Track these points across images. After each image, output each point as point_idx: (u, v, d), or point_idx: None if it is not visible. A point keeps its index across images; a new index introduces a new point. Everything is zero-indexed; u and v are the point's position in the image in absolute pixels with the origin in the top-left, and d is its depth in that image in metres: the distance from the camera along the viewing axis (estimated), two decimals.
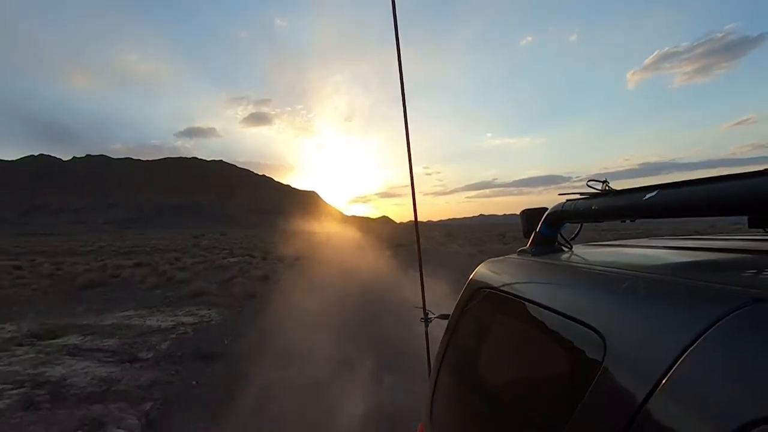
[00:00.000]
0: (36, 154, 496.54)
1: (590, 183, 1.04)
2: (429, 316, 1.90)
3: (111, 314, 9.02)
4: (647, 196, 0.80)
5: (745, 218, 0.72)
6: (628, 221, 0.95)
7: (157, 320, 8.34)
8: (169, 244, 40.91)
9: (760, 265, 0.67)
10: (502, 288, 1.11)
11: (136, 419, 4.06)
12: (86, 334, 7.23)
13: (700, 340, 0.49)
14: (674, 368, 0.50)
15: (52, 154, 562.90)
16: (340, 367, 5.14)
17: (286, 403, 4.24)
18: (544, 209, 1.23)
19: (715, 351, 0.48)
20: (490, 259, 1.34)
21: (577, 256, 1.08)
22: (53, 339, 6.86)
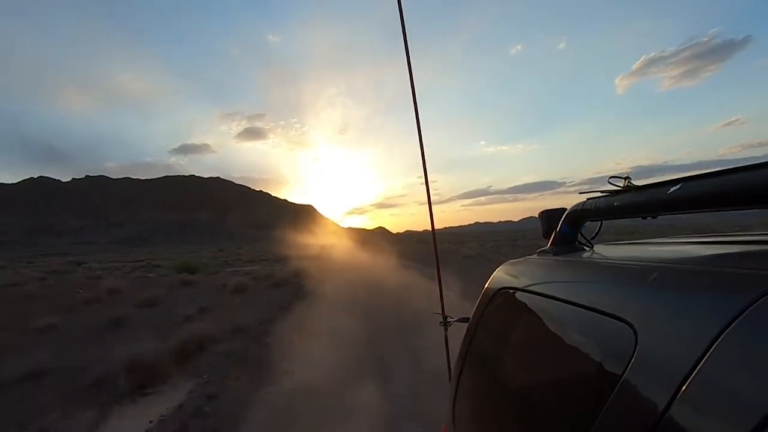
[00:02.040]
0: (36, 176, 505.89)
1: (611, 180, 1.01)
2: (448, 320, 1.91)
3: None
4: (672, 189, 0.78)
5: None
6: (649, 218, 0.93)
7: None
8: (196, 257, 41.95)
9: None
10: (524, 288, 1.10)
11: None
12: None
13: (732, 326, 0.48)
14: (707, 356, 0.49)
15: (50, 176, 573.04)
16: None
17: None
18: (563, 209, 1.23)
19: (747, 337, 0.47)
20: (509, 261, 1.32)
21: (598, 254, 1.07)
22: None
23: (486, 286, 1.32)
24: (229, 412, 4.45)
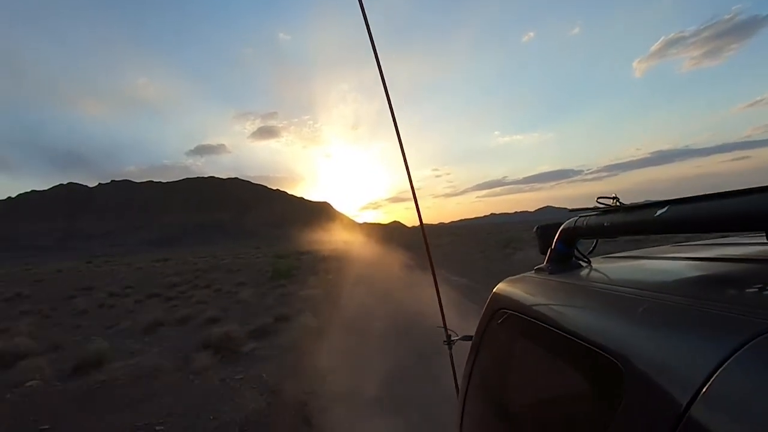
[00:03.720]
0: (65, 182, 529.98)
1: (600, 200, 1.03)
2: (452, 338, 1.89)
3: None
4: (659, 212, 0.79)
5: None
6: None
7: None
8: (246, 256, 44.49)
9: None
10: (519, 309, 1.10)
11: None
12: None
13: (718, 372, 0.47)
14: (693, 404, 0.48)
15: (77, 181, 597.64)
16: None
17: None
18: (559, 224, 1.21)
19: (734, 382, 0.46)
20: (508, 278, 1.33)
21: (595, 271, 1.08)
22: None
23: (486, 304, 1.32)
24: None
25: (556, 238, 1.21)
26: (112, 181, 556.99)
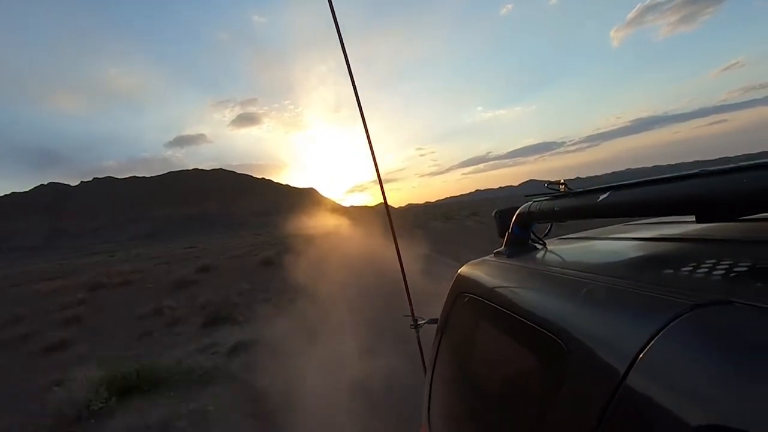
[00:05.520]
0: (46, 182, 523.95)
1: (549, 186, 1.10)
2: (418, 322, 1.92)
3: None
4: (601, 197, 0.85)
5: None
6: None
7: None
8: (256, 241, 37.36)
9: (704, 259, 0.70)
10: (478, 292, 1.16)
11: None
12: None
13: (645, 349, 0.53)
14: (628, 375, 0.53)
15: (58, 181, 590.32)
16: None
17: None
18: (515, 209, 1.26)
19: (661, 357, 0.51)
20: (470, 262, 1.38)
21: (548, 254, 1.14)
22: None
23: (449, 288, 1.37)
24: None
25: (513, 221, 1.26)
26: (94, 178, 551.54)
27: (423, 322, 1.91)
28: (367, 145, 2.06)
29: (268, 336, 6.75)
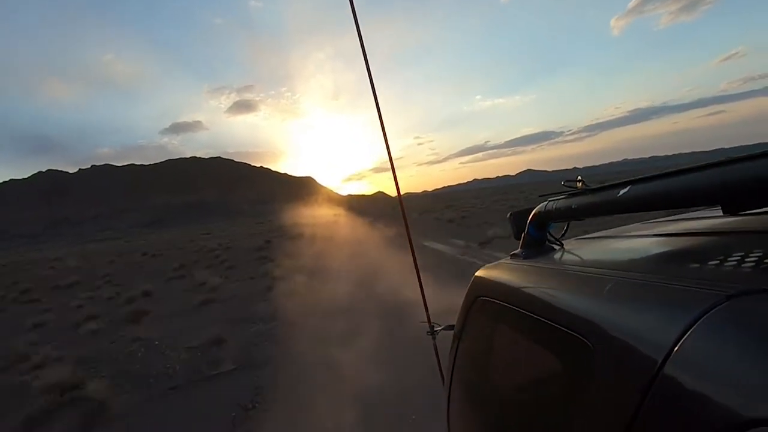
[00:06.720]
0: (44, 170, 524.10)
1: (566, 183, 1.06)
2: (435, 329, 1.87)
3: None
4: (621, 192, 0.81)
5: None
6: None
7: None
8: (267, 228, 48.55)
9: (733, 251, 0.68)
10: (496, 296, 1.14)
11: None
12: None
13: (679, 343, 0.51)
14: (663, 368, 0.51)
15: (53, 168, 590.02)
16: None
17: None
18: (530, 210, 1.23)
19: (697, 349, 0.49)
20: (486, 265, 1.36)
21: (566, 254, 1.11)
22: None
23: (466, 293, 1.35)
24: None
25: (528, 222, 1.23)
26: (92, 166, 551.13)
27: (440, 328, 1.83)
28: (380, 127, 2.07)
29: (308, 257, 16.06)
